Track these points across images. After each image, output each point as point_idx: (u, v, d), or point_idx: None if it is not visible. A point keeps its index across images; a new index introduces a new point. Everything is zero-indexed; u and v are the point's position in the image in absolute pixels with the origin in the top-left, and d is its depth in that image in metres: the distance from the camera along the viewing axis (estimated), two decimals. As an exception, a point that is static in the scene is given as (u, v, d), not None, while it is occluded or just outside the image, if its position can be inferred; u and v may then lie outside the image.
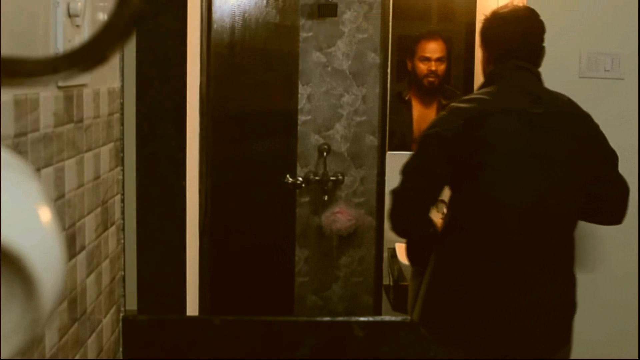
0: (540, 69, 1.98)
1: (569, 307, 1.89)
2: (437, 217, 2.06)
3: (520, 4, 2.16)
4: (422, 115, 3.25)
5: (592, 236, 2.38)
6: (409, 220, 1.89)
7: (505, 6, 2.05)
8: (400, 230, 1.91)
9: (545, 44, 1.99)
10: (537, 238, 1.83)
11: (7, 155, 0.56)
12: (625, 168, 2.05)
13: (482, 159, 1.81)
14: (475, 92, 1.98)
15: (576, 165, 1.87)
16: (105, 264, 1.69)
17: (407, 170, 1.88)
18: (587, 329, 2.08)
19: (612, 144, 1.98)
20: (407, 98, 3.24)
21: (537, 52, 1.97)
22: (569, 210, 1.88)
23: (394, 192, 1.87)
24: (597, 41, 2.40)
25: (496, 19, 1.99)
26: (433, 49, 3.16)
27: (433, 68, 3.15)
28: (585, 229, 2.24)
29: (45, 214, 0.55)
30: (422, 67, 3.17)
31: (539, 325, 1.83)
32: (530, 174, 1.83)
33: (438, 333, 1.89)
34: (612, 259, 2.43)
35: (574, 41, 2.35)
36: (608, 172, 1.95)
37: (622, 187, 1.96)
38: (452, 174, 1.85)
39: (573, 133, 1.88)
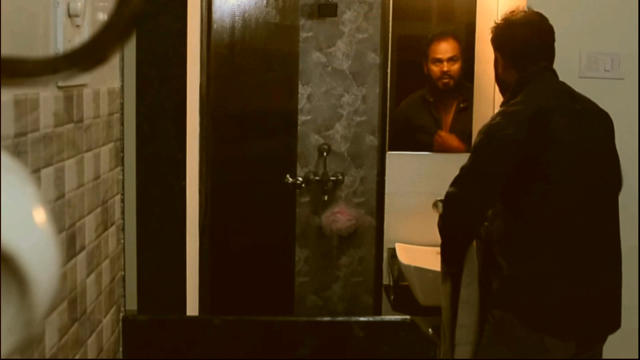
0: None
1: (620, 290, 1.98)
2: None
3: (522, 8, 2.18)
4: (442, 117, 3.24)
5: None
6: (467, 225, 1.92)
7: (515, 13, 2.07)
8: (455, 232, 1.94)
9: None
10: (598, 228, 1.91)
11: (3, 157, 0.56)
12: (626, 168, 2.06)
13: (551, 157, 1.85)
14: (513, 98, 1.99)
15: (612, 157, 1.95)
16: (105, 264, 1.69)
17: (468, 176, 1.90)
18: (587, 329, 2.08)
19: (612, 143, 2.01)
20: (431, 100, 3.21)
21: (552, 54, 2.04)
22: (615, 199, 1.96)
23: (453, 196, 1.89)
24: (597, 41, 2.40)
25: (510, 25, 2.04)
26: (444, 49, 3.10)
27: (445, 69, 3.07)
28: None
29: (41, 216, 0.55)
30: (435, 69, 3.10)
31: (608, 307, 1.92)
32: (588, 168, 1.90)
33: (525, 319, 1.91)
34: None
35: (574, 41, 2.36)
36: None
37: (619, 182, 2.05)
38: (514, 176, 1.88)
39: (605, 128, 1.96)
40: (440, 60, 3.10)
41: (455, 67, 3.09)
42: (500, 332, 1.93)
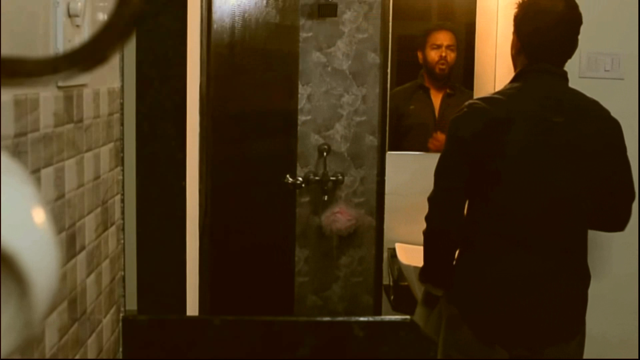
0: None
1: (582, 300, 1.94)
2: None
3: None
4: (440, 103, 3.31)
5: (593, 236, 2.38)
6: (444, 223, 1.90)
7: None
8: (437, 233, 1.91)
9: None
10: (552, 238, 1.87)
11: (3, 157, 0.56)
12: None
13: (498, 167, 1.82)
14: (503, 88, 1.95)
15: (589, 167, 1.89)
16: (105, 264, 1.69)
17: (437, 173, 1.90)
18: (587, 329, 2.08)
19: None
20: (427, 85, 3.32)
21: (569, 52, 1.93)
22: (581, 209, 1.91)
23: (429, 198, 1.89)
24: (597, 41, 2.40)
25: (535, 12, 1.90)
26: (443, 37, 3.25)
27: (444, 54, 3.22)
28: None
29: (40, 216, 0.55)
30: (434, 55, 3.24)
31: (554, 316, 1.88)
32: (546, 180, 1.85)
33: (474, 327, 1.91)
34: (613, 259, 2.43)
35: (574, 41, 2.35)
36: (616, 175, 1.95)
37: (627, 192, 1.96)
38: (472, 178, 1.86)
39: (590, 137, 1.88)
40: (439, 47, 3.22)
41: (452, 55, 3.25)
42: (447, 326, 1.94)
